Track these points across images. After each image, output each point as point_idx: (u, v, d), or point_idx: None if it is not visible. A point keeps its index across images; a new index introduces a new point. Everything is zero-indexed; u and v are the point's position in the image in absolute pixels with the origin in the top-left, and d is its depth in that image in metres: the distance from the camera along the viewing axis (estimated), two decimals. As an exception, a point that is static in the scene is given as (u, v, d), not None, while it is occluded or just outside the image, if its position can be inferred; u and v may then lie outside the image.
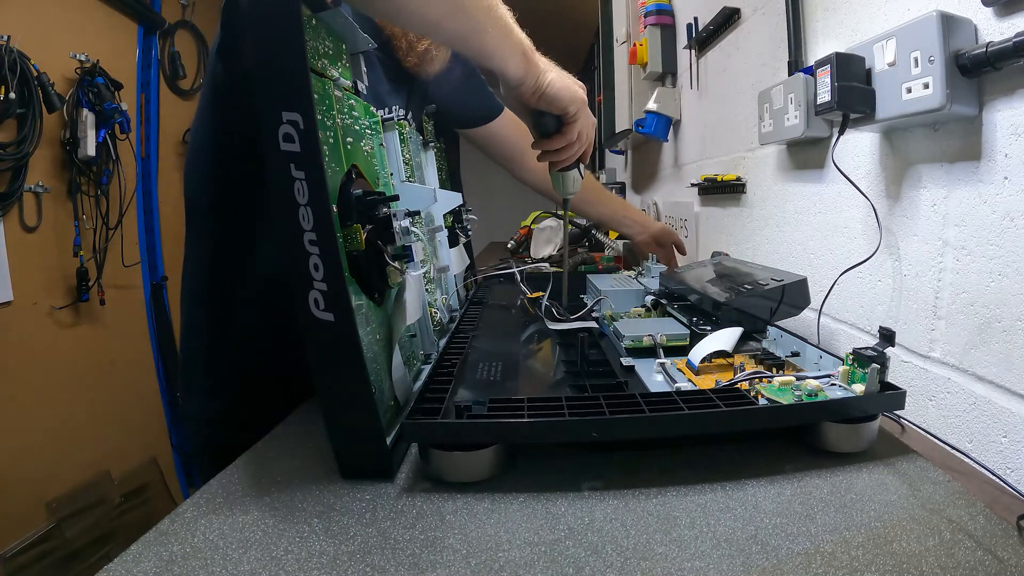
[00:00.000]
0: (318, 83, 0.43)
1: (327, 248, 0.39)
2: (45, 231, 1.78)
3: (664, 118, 1.48)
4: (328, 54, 0.48)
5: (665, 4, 1.49)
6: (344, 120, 0.48)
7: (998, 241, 0.49)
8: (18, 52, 1.56)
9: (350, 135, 0.49)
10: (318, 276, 0.39)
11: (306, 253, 0.39)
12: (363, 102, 0.55)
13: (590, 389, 0.53)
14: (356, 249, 0.44)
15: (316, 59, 0.44)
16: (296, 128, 0.38)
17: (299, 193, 0.39)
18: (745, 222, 1.03)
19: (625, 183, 2.24)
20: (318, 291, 0.40)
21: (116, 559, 0.34)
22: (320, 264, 0.39)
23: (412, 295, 0.53)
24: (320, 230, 0.39)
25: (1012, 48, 0.43)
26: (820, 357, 0.54)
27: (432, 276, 0.75)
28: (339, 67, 0.50)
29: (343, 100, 0.49)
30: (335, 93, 0.47)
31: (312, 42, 0.44)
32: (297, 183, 0.39)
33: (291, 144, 0.38)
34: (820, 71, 0.61)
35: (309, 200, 0.39)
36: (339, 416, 0.42)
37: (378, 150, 0.58)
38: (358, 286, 0.45)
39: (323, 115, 0.43)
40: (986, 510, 0.37)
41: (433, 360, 0.61)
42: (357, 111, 0.53)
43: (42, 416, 1.72)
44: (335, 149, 0.45)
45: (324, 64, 0.46)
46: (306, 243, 0.39)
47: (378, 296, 0.50)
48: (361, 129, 0.53)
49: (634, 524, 0.37)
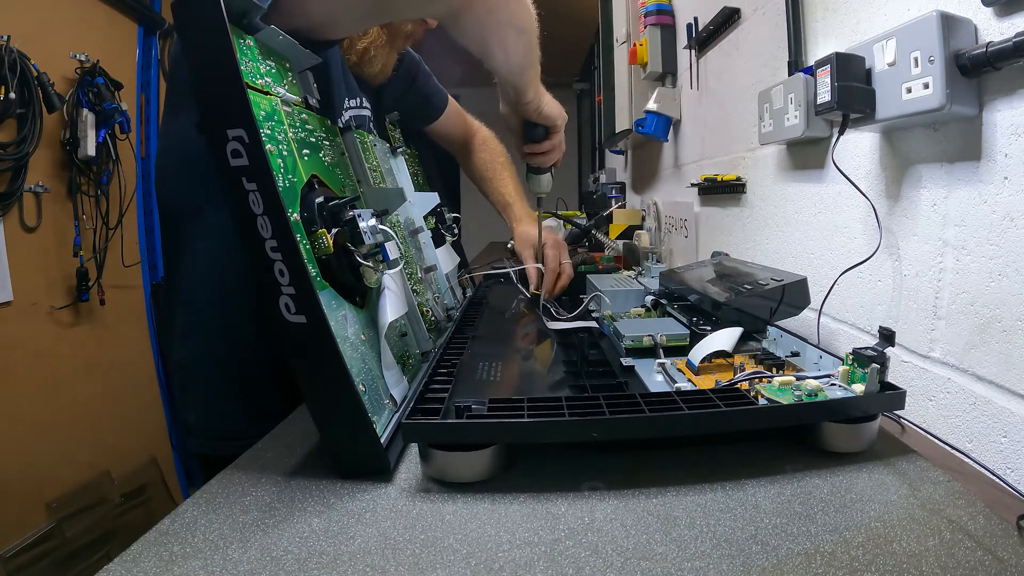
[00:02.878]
0: (264, 100, 0.46)
1: (289, 252, 0.41)
2: (45, 231, 1.78)
3: (664, 118, 1.48)
4: (271, 72, 0.50)
5: (665, 4, 1.49)
6: (297, 133, 0.50)
7: (998, 241, 0.49)
8: (18, 52, 1.56)
9: (306, 147, 0.51)
10: (284, 281, 0.41)
11: (270, 260, 0.41)
12: (317, 116, 0.57)
13: (590, 389, 0.53)
14: (325, 253, 0.46)
15: (257, 78, 0.47)
16: (242, 143, 0.40)
17: (254, 204, 0.40)
18: (745, 222, 1.03)
19: (625, 183, 2.24)
20: (287, 295, 0.41)
21: (116, 559, 0.34)
22: (285, 269, 0.41)
23: (390, 292, 0.54)
24: (279, 236, 0.41)
25: (1012, 48, 0.43)
26: (820, 357, 0.54)
27: (420, 276, 0.77)
28: (285, 84, 0.52)
29: (293, 114, 0.51)
30: (283, 108, 0.49)
31: (251, 63, 0.46)
32: (251, 195, 0.40)
33: (240, 159, 0.40)
34: (820, 71, 0.61)
35: (264, 210, 0.40)
36: (327, 417, 0.43)
37: (340, 160, 0.60)
38: (334, 290, 0.47)
39: (272, 130, 0.45)
40: (986, 510, 0.37)
41: (432, 360, 0.61)
42: (311, 124, 0.55)
43: (42, 416, 1.72)
44: (290, 161, 0.47)
45: (267, 82, 0.49)
46: (268, 250, 0.41)
47: (359, 299, 0.52)
48: (318, 141, 0.55)
49: (634, 524, 0.37)
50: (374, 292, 0.54)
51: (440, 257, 0.88)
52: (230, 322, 0.70)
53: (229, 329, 0.70)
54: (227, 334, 0.70)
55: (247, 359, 0.70)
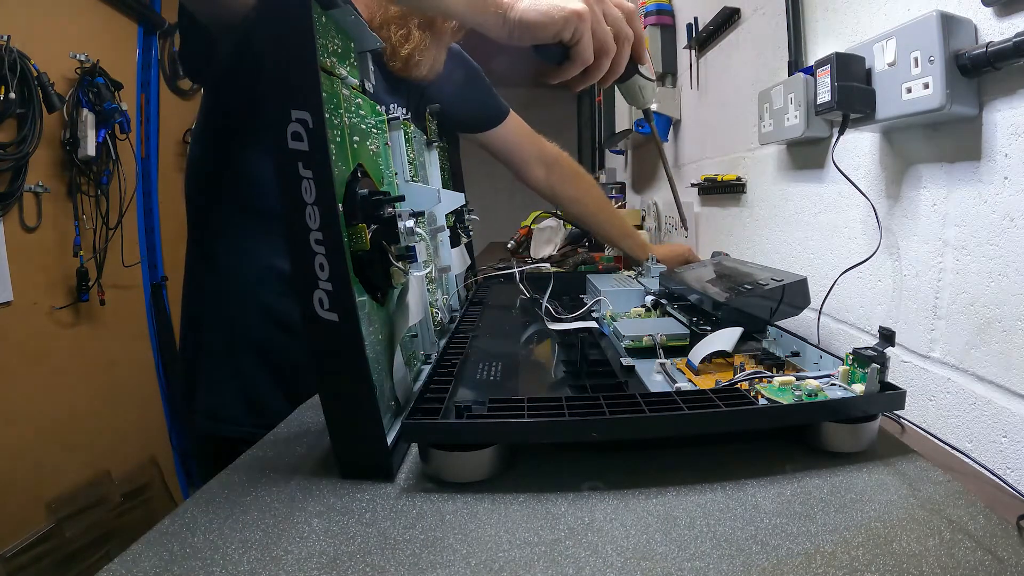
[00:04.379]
0: (327, 81, 0.43)
1: (333, 248, 0.39)
2: (45, 231, 1.78)
3: (664, 118, 1.48)
4: (337, 52, 0.47)
5: (665, 4, 1.49)
6: (351, 119, 0.48)
7: (998, 241, 0.49)
8: (18, 52, 1.56)
9: (356, 134, 0.49)
10: (323, 276, 0.39)
11: (312, 252, 0.39)
12: (370, 101, 0.55)
13: (590, 389, 0.53)
14: (361, 249, 0.44)
15: (325, 57, 0.44)
16: (305, 126, 0.38)
17: (307, 192, 0.39)
18: (745, 222, 1.03)
19: (625, 183, 2.24)
20: (323, 291, 0.39)
21: (116, 559, 0.34)
22: (326, 263, 0.39)
23: (415, 296, 0.53)
24: (326, 229, 0.39)
25: (1012, 48, 0.43)
26: (820, 357, 0.54)
27: (434, 276, 0.75)
28: (347, 65, 0.50)
29: (351, 98, 0.49)
30: (343, 91, 0.47)
31: (321, 40, 0.44)
32: (305, 182, 0.38)
33: (299, 143, 0.38)
34: (820, 71, 0.61)
35: (316, 199, 0.39)
36: (341, 416, 0.42)
37: (383, 149, 0.58)
38: (362, 286, 0.45)
39: (331, 113, 0.42)
40: (986, 510, 0.37)
41: (433, 360, 0.61)
42: (364, 110, 0.53)
43: (42, 416, 1.72)
44: (342, 148, 0.45)
45: (333, 62, 0.46)
46: (312, 242, 0.39)
47: (381, 296, 0.50)
48: (367, 128, 0.53)
49: (634, 524, 0.36)
50: (395, 292, 0.52)
51: (454, 258, 0.87)
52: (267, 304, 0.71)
53: (266, 312, 0.72)
54: (263, 317, 0.72)
55: (253, 349, 0.72)
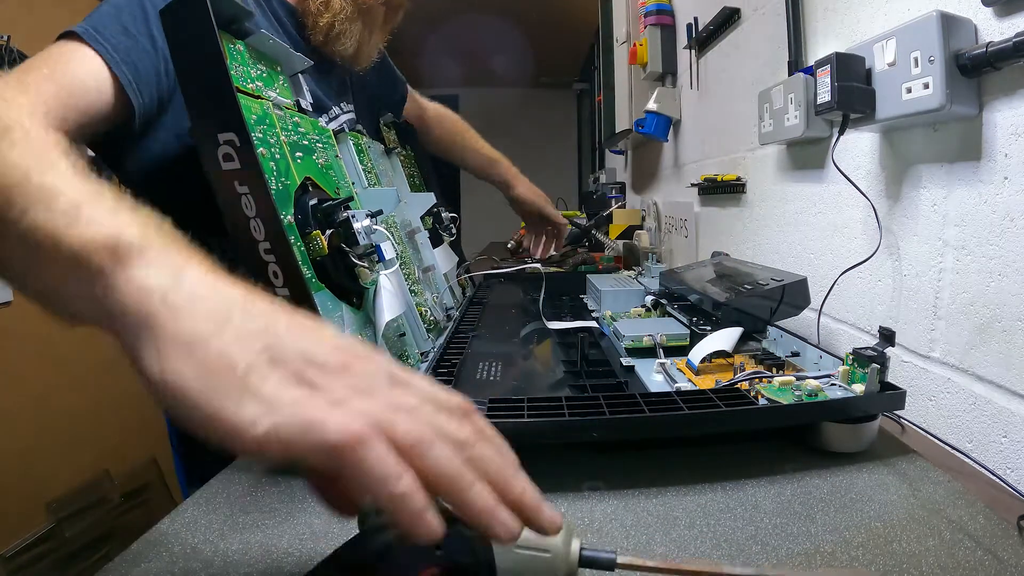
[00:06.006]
0: (255, 104, 0.46)
1: (282, 254, 0.41)
2: (45, 231, 1.78)
3: (664, 118, 1.48)
4: (262, 77, 0.50)
5: (665, 4, 1.49)
6: (290, 136, 0.51)
7: (998, 241, 0.49)
8: (18, 52, 1.56)
9: (299, 150, 0.52)
10: (279, 283, 0.41)
11: (263, 262, 0.41)
12: (310, 119, 0.58)
13: (590, 389, 0.53)
14: (320, 254, 0.46)
15: (248, 82, 0.47)
16: (233, 147, 0.40)
17: (247, 207, 0.41)
18: (745, 222, 1.03)
19: (625, 183, 2.24)
20: (281, 297, 0.41)
21: (116, 559, 0.34)
22: (279, 271, 0.41)
23: (387, 293, 0.54)
24: (273, 238, 0.41)
25: (1012, 48, 0.43)
26: (820, 357, 0.54)
27: (418, 277, 0.77)
28: (276, 88, 0.52)
29: (286, 118, 0.52)
30: (275, 112, 0.49)
31: (241, 67, 0.47)
32: (243, 198, 0.41)
33: (231, 163, 0.40)
34: (820, 71, 0.61)
35: (257, 212, 0.41)
36: None
37: (335, 162, 0.60)
38: (330, 292, 0.47)
39: (264, 133, 0.45)
40: (986, 510, 0.37)
41: (432, 360, 0.61)
42: (304, 127, 0.55)
43: (42, 416, 1.72)
44: (283, 164, 0.47)
45: (258, 87, 0.49)
46: (261, 252, 0.41)
47: (356, 300, 0.52)
48: (311, 143, 0.55)
49: (634, 524, 0.37)
50: (371, 293, 0.54)
51: (438, 257, 0.88)
52: None
53: None
54: None
55: None
